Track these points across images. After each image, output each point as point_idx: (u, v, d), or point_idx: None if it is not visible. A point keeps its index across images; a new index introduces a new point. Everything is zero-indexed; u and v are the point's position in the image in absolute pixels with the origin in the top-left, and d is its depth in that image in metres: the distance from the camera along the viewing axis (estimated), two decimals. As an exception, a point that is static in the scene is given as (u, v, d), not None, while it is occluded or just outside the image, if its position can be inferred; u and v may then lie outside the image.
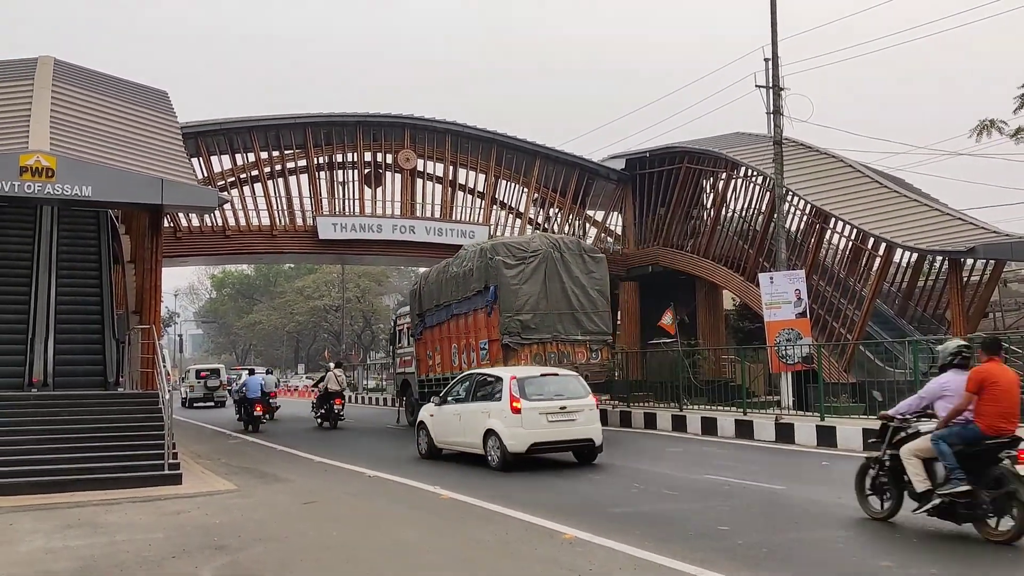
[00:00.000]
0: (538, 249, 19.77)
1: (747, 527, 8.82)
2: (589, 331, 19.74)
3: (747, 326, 31.85)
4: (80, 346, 15.94)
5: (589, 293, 20.00)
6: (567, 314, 19.54)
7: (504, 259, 19.47)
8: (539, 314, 19.21)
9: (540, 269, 19.53)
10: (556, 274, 19.61)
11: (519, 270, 19.40)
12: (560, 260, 19.85)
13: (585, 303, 19.84)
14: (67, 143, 15.32)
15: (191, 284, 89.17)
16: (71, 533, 9.04)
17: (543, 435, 13.73)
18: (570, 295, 19.65)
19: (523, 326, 19.04)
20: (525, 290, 19.22)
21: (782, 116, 23.07)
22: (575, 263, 20.07)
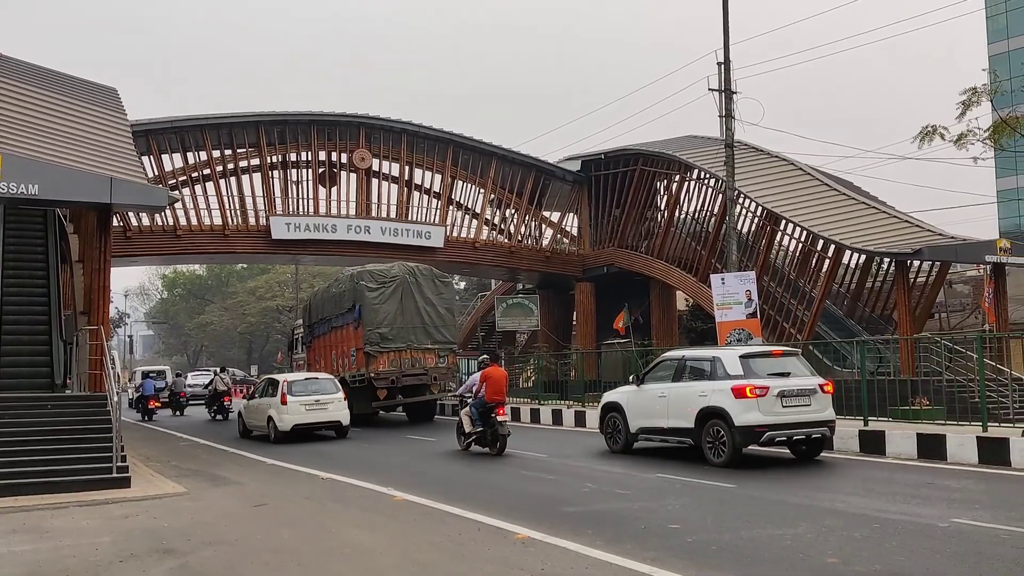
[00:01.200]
0: (396, 275, 23.84)
1: (697, 525, 8.91)
2: (438, 341, 23.90)
3: (700, 326, 32.18)
4: (26, 347, 15.63)
5: (439, 310, 24.18)
6: (419, 328, 23.62)
7: (367, 284, 23.54)
8: (395, 328, 23.27)
9: (397, 291, 23.54)
10: (411, 296, 23.63)
11: (380, 292, 23.43)
12: (415, 284, 23.89)
13: (435, 319, 23.95)
14: (13, 140, 15.02)
15: (142, 284, 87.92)
16: (15, 538, 8.86)
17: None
18: (422, 312, 23.71)
19: (382, 337, 23.12)
20: (384, 308, 23.25)
21: (734, 119, 23.33)
22: (428, 286, 24.12)
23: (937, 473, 12.00)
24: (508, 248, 34.60)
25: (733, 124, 23.17)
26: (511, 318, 35.97)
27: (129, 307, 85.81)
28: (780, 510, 9.59)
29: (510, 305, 36.21)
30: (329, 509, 10.55)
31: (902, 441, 13.95)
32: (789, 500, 10.11)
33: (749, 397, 12.72)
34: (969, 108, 21.07)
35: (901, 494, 10.37)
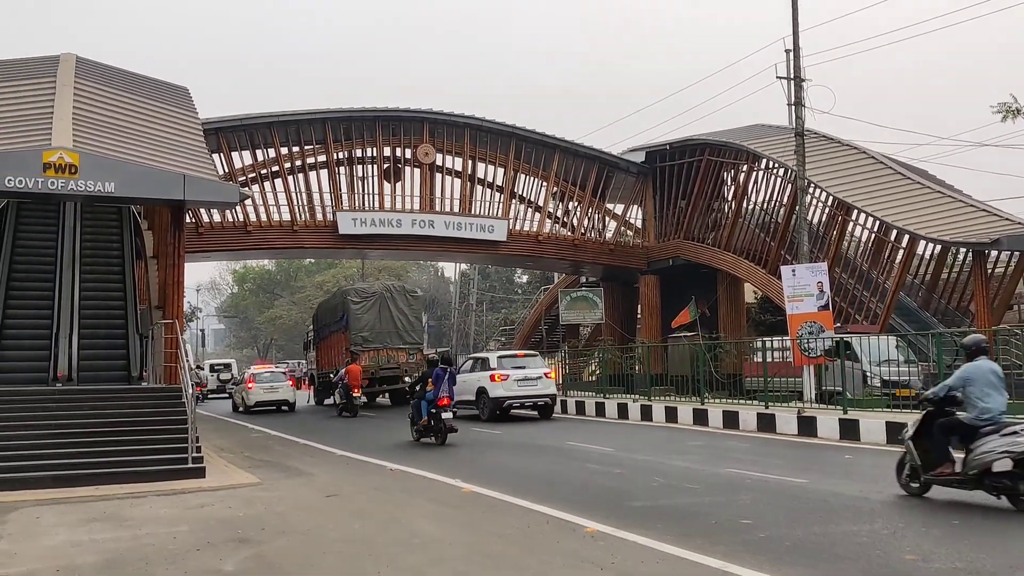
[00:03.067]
0: (375, 292, 30.98)
1: (770, 521, 8.76)
2: (407, 342, 30.51)
3: (769, 319, 31.69)
4: (104, 341, 16.08)
5: (409, 319, 30.78)
6: (393, 332, 30.20)
7: (352, 299, 30.42)
8: (375, 332, 29.92)
9: (376, 304, 30.20)
10: (387, 307, 30.23)
11: (362, 305, 30.11)
12: (390, 298, 30.56)
13: (406, 325, 30.58)
14: (90, 140, 15.44)
15: (212, 279, 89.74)
16: (96, 527, 9.11)
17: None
18: (396, 320, 30.26)
19: (364, 340, 29.78)
20: (365, 317, 29.89)
21: (804, 107, 22.88)
22: (400, 300, 30.81)
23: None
24: (571, 241, 34.47)
25: (803, 112, 22.72)
26: (575, 311, 35.81)
27: (201, 301, 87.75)
28: (855, 505, 9.39)
29: (574, 298, 36.06)
30: (399, 500, 10.64)
31: (982, 436, 13.52)
32: (864, 496, 9.87)
33: (498, 381, 21.86)
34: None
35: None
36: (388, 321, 30.03)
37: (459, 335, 61.75)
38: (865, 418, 15.89)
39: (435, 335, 73.00)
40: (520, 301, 62.10)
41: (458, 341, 61.05)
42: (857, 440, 15.37)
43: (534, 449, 15.83)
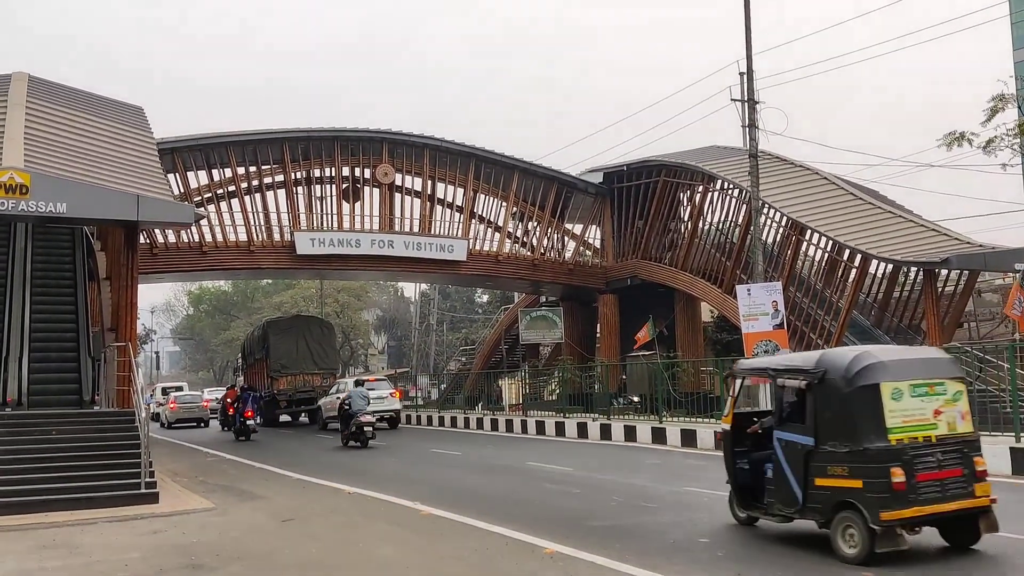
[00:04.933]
0: (293, 324, 35.36)
1: (727, 539, 8.85)
2: (321, 367, 33.71)
3: (726, 338, 31.96)
4: (55, 364, 15.79)
5: (323, 347, 34.18)
6: (308, 359, 33.47)
7: (272, 330, 34.70)
8: (292, 359, 33.40)
9: (293, 334, 33.99)
10: (303, 337, 33.83)
11: (281, 336, 34.08)
12: (306, 329, 34.59)
13: (320, 352, 33.88)
14: (42, 160, 15.20)
15: (168, 301, 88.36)
16: (46, 554, 8.92)
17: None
18: (311, 349, 33.64)
19: (282, 366, 33.37)
20: (283, 347, 33.62)
21: (757, 129, 23.22)
22: (315, 331, 34.71)
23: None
24: (531, 261, 34.57)
25: (757, 134, 23.07)
26: (535, 331, 35.89)
27: (156, 323, 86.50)
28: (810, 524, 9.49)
29: (534, 318, 36.13)
30: (356, 523, 10.56)
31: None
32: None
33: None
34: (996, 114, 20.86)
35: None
36: (304, 349, 33.58)
37: (419, 355, 61.47)
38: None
39: (395, 355, 72.64)
40: (480, 321, 62.02)
41: (418, 361, 60.76)
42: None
43: (494, 469, 15.82)
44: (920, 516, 7.60)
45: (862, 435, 7.69)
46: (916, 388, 7.84)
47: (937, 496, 7.62)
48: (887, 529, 7.41)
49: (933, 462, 7.67)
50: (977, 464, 7.85)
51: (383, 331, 76.26)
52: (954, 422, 7.91)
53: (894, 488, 7.43)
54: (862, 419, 7.77)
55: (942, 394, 7.93)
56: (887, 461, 7.51)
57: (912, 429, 7.71)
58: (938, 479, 7.66)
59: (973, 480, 7.80)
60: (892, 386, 7.75)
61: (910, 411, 7.75)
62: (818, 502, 8.08)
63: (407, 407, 37.55)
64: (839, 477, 7.86)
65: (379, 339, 77.19)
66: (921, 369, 8.12)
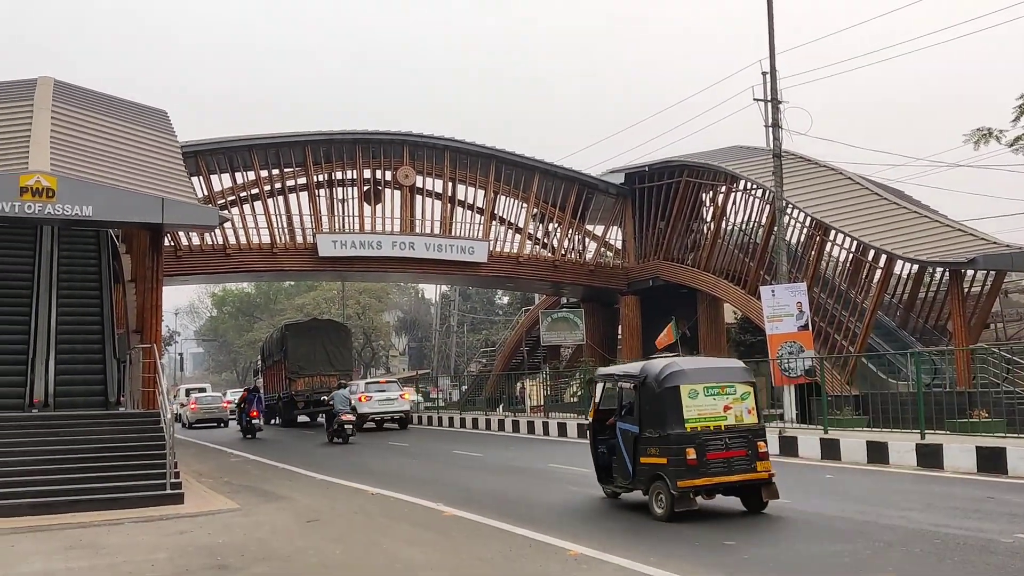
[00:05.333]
0: (311, 326, 36.71)
1: (753, 541, 8.77)
2: (337, 369, 34.38)
3: (749, 339, 31.80)
4: (81, 366, 15.92)
5: (339, 349, 35.28)
6: (325, 360, 34.26)
7: (290, 333, 35.84)
8: (309, 361, 34.20)
9: (310, 337, 34.96)
10: (319, 339, 34.79)
11: (298, 339, 35.03)
12: (324, 331, 35.90)
13: (335, 354, 34.79)
14: (68, 163, 15.34)
15: (191, 303, 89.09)
16: (72, 555, 8.98)
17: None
18: (327, 351, 34.50)
19: (299, 367, 34.27)
20: (301, 350, 34.47)
21: (781, 129, 23.10)
22: (332, 333, 35.96)
23: (998, 487, 11.66)
24: (552, 262, 34.53)
25: (780, 134, 22.93)
26: (556, 332, 35.83)
27: (180, 325, 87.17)
28: (837, 525, 9.41)
29: (555, 319, 36.07)
30: (379, 524, 10.56)
31: (960, 454, 13.59)
32: (846, 516, 9.89)
33: (363, 401, 28.84)
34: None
35: (961, 508, 10.12)
36: (321, 352, 34.51)
37: (440, 356, 61.57)
38: (846, 438, 15.94)
39: (416, 357, 72.76)
40: (501, 322, 62.04)
41: (439, 362, 60.87)
42: (838, 460, 15.42)
43: (516, 472, 15.78)
44: (709, 485, 9.98)
45: (667, 424, 10.05)
46: (709, 389, 10.23)
47: (724, 470, 9.97)
48: (683, 494, 9.81)
49: (721, 445, 10.02)
50: (759, 447, 10.19)
51: (404, 333, 76.44)
52: (741, 415, 10.28)
53: (688, 464, 9.81)
54: (667, 412, 10.09)
55: (732, 394, 10.31)
56: (683, 443, 9.88)
57: (705, 420, 10.08)
58: (725, 458, 9.99)
59: (755, 459, 10.12)
60: (689, 387, 10.15)
61: (704, 407, 10.13)
62: (642, 475, 10.40)
63: (428, 408, 37.60)
64: (653, 456, 10.18)
65: (400, 340, 77.38)
66: (715, 375, 10.47)
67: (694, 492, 9.91)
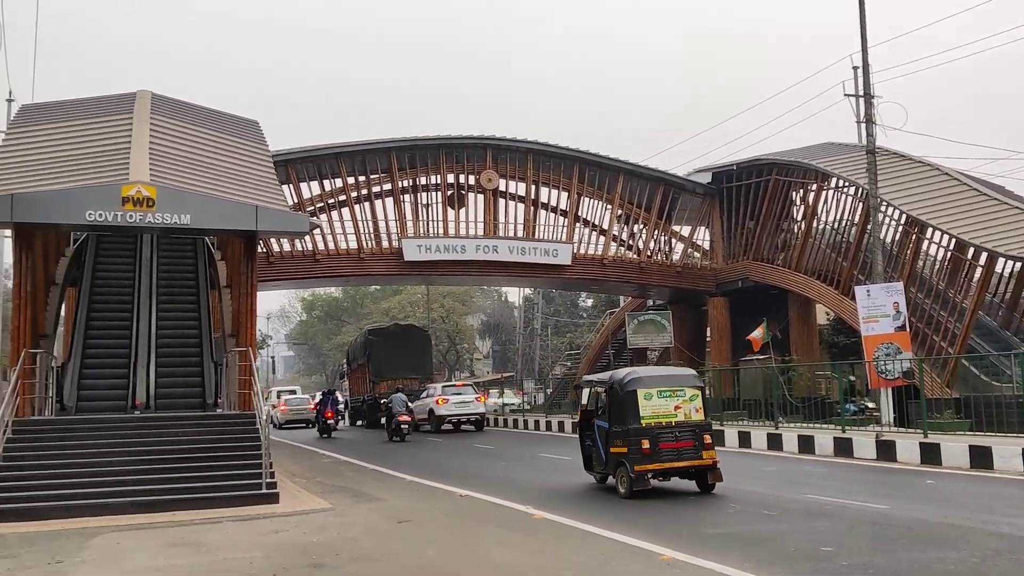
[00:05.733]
0: (391, 330, 38.73)
1: (851, 548, 8.52)
2: (417, 372, 36.58)
3: (842, 341, 31.00)
4: (180, 369, 16.42)
5: (420, 351, 37.33)
6: (406, 364, 36.22)
7: (373, 337, 37.74)
8: (391, 364, 36.14)
9: (392, 341, 36.92)
10: (400, 343, 36.77)
11: (381, 342, 36.98)
12: (405, 335, 37.66)
13: (415, 358, 36.72)
14: (166, 173, 15.84)
15: (282, 307, 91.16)
16: (174, 552, 9.25)
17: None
18: (409, 353, 36.40)
19: (383, 371, 36.26)
20: (384, 354, 36.38)
21: (874, 124, 22.44)
22: (412, 337, 37.77)
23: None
24: (637, 264, 34.24)
25: (874, 129, 22.27)
26: (643, 335, 35.47)
27: (271, 329, 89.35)
28: (940, 532, 9.06)
29: (642, 322, 35.73)
30: (470, 527, 10.60)
31: (1073, 460, 12.97)
32: (949, 523, 9.52)
33: (440, 404, 30.19)
34: None
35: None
36: (402, 356, 36.26)
37: (524, 360, 61.66)
38: (947, 442, 15.37)
39: (500, 360, 73.03)
40: (585, 325, 61.79)
41: (523, 366, 60.96)
42: (939, 465, 14.88)
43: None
44: (661, 469, 12.28)
45: (628, 420, 12.40)
46: (662, 392, 12.54)
47: (674, 457, 12.26)
48: (639, 476, 12.08)
49: (671, 437, 12.30)
50: (705, 439, 12.43)
51: (487, 336, 76.78)
52: (690, 413, 12.55)
53: (643, 452, 12.12)
54: (628, 411, 12.44)
55: (681, 396, 12.60)
56: (640, 436, 12.20)
57: (658, 417, 12.41)
58: (675, 447, 12.27)
59: (702, 448, 12.38)
60: (645, 391, 12.47)
61: (657, 406, 12.43)
62: (611, 462, 12.81)
63: (514, 412, 37.66)
64: (618, 446, 12.53)
65: (484, 344, 77.77)
66: (667, 381, 12.87)
67: (650, 475, 12.19)
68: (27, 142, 17.25)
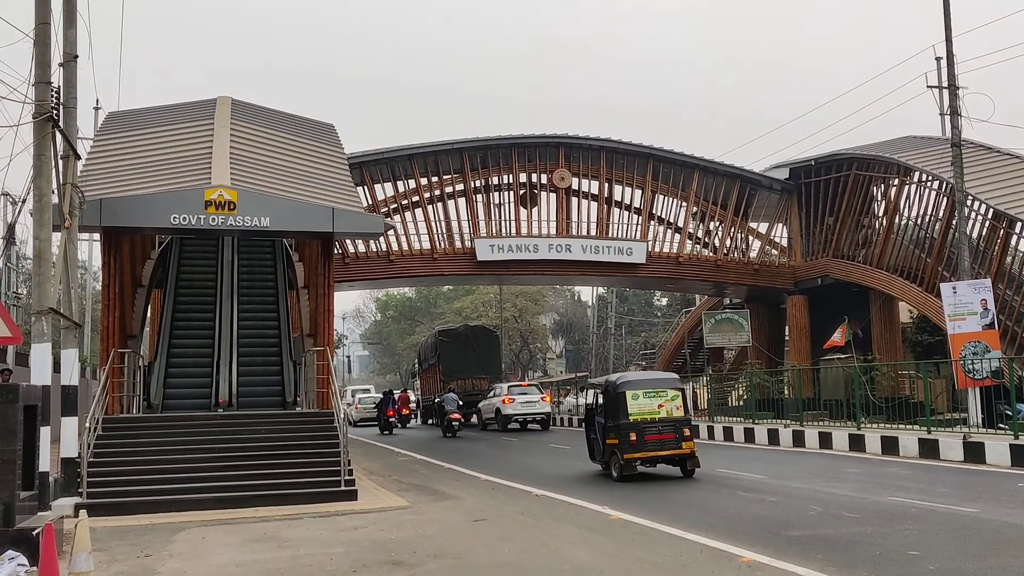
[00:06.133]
0: (461, 332, 39.46)
1: (939, 552, 8.24)
2: (486, 372, 37.43)
3: (926, 339, 30.11)
4: (260, 368, 16.79)
5: (487, 353, 38.30)
6: (475, 364, 37.28)
7: (443, 338, 38.84)
8: (460, 364, 37.23)
9: (460, 342, 38.08)
10: (469, 344, 37.88)
11: (451, 343, 38.12)
12: (472, 337, 38.67)
13: (484, 358, 37.78)
14: (246, 177, 16.21)
15: (357, 307, 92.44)
16: (257, 547, 9.45)
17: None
18: (477, 353, 37.52)
19: (452, 371, 37.17)
20: (454, 353, 37.57)
21: (959, 117, 21.71)
22: (480, 337, 38.95)
23: None
24: (713, 262, 33.77)
25: (959, 122, 21.54)
26: (720, 334, 34.93)
27: (346, 329, 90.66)
28: (1037, 539, 8.71)
29: (718, 321, 35.21)
30: (546, 526, 10.57)
31: None
32: (1047, 528, 9.15)
33: (507, 403, 31.22)
34: None
35: None
36: (472, 356, 37.36)
37: (598, 359, 61.35)
38: (1041, 444, 14.78)
39: (573, 359, 72.80)
40: (660, 324, 61.21)
41: (597, 365, 60.67)
42: (1032, 467, 14.32)
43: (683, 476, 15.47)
44: (647, 457, 14.62)
45: (619, 416, 14.65)
46: (647, 393, 14.82)
47: (657, 447, 14.60)
48: (628, 463, 14.55)
49: (655, 430, 14.59)
50: (685, 432, 14.73)
51: (560, 335, 76.59)
52: (671, 411, 14.79)
53: (631, 443, 14.48)
54: (619, 409, 14.70)
55: (664, 396, 14.86)
56: (629, 429, 14.52)
57: (644, 414, 14.65)
58: (658, 439, 14.58)
59: (681, 440, 14.66)
60: (632, 392, 14.75)
61: (643, 405, 14.72)
62: (607, 452, 15.17)
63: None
64: (612, 438, 14.86)
65: (556, 343, 77.63)
66: (652, 384, 15.17)
67: (638, 462, 14.63)
68: (114, 148, 17.83)
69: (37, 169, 11.64)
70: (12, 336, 8.01)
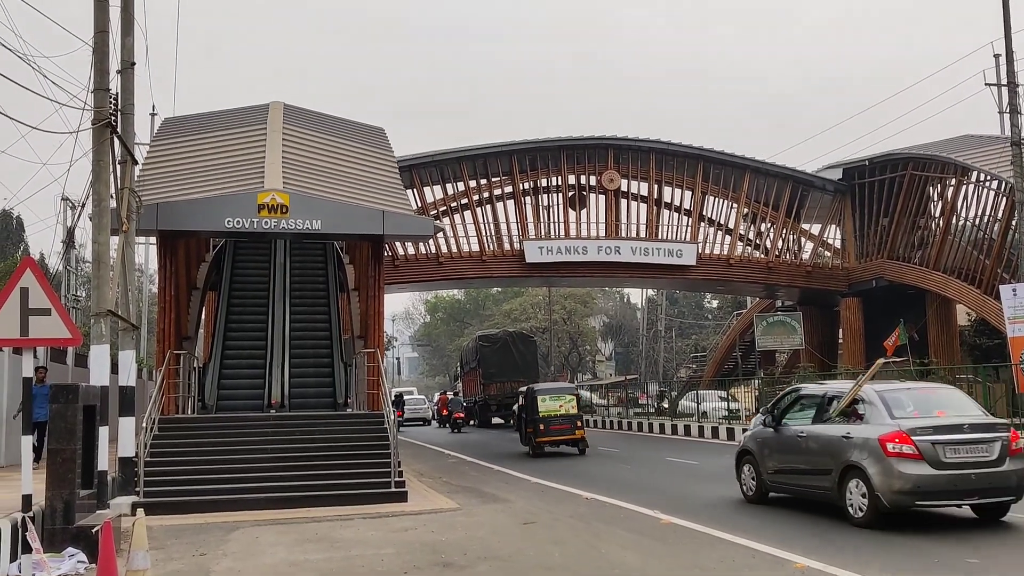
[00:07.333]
0: (501, 337, 40.33)
1: (999, 560, 8.04)
2: (524, 375, 36.45)
3: (985, 343, 29.40)
4: (311, 369, 16.98)
5: (526, 358, 38.97)
6: (515, 368, 37.79)
7: (483, 343, 39.97)
8: (500, 368, 38.10)
9: (501, 346, 38.87)
10: (509, 349, 38.63)
11: (490, 348, 39.16)
12: (512, 342, 39.24)
13: (523, 363, 38.37)
14: (297, 180, 16.41)
15: (406, 309, 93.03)
16: (310, 547, 9.54)
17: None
18: (516, 358, 38.28)
19: (492, 375, 38.23)
20: (494, 358, 38.59)
21: (1019, 115, 21.19)
22: (520, 342, 39.70)
23: None
24: (765, 264, 33.39)
25: (1019, 120, 21.03)
26: (772, 336, 34.47)
27: (396, 331, 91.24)
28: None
29: (771, 323, 34.76)
30: (596, 529, 10.52)
31: None
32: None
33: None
34: None
35: None
36: (511, 360, 38.22)
37: (648, 362, 60.94)
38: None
39: (623, 362, 72.42)
40: (711, 327, 60.63)
41: (647, 368, 60.27)
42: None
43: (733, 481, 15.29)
44: (550, 441, 21.61)
45: (533, 412, 21.67)
46: (552, 397, 21.90)
47: (557, 433, 21.51)
48: (538, 444, 21.61)
49: (557, 422, 21.42)
50: (577, 424, 21.60)
51: (609, 337, 76.24)
52: (568, 409, 21.69)
53: (540, 431, 21.48)
54: (532, 407, 21.71)
55: (563, 399, 21.86)
56: (539, 422, 21.45)
57: (549, 412, 21.56)
58: (558, 428, 21.48)
59: (575, 428, 21.52)
60: (541, 397, 21.82)
61: (549, 405, 21.62)
62: (528, 439, 22.06)
63: (638, 415, 37.26)
64: (531, 428, 21.85)
65: (606, 345, 77.29)
66: (555, 391, 22.55)
67: (546, 446, 21.54)
68: (169, 153, 18.17)
69: (96, 174, 11.89)
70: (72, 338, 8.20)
